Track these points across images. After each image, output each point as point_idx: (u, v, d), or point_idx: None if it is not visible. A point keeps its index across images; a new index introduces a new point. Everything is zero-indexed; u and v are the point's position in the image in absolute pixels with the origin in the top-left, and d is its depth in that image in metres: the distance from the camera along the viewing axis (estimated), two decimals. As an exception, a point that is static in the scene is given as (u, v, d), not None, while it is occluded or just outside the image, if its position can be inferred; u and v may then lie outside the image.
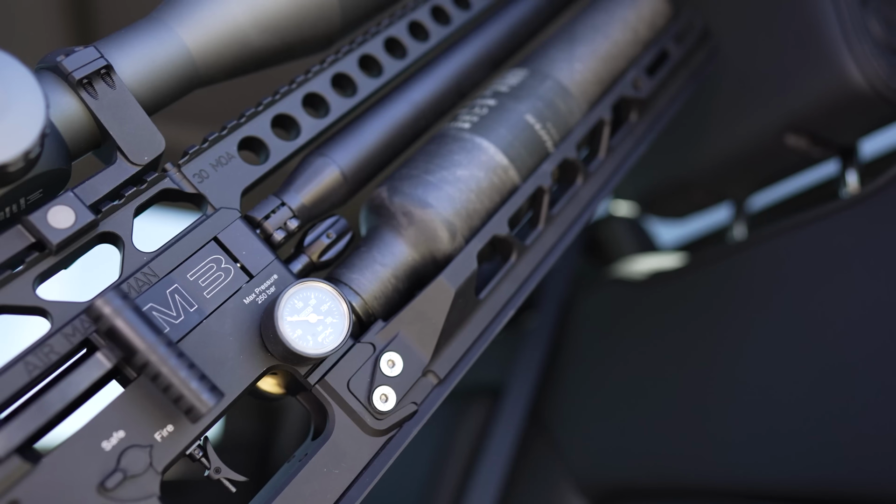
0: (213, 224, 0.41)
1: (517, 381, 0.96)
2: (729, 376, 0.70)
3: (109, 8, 1.05)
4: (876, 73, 0.62)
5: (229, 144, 0.44)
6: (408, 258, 0.46)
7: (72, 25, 1.06)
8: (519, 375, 0.97)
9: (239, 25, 0.45)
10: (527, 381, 0.95)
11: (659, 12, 0.64)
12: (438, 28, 0.55)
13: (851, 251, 0.63)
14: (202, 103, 0.92)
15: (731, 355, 0.71)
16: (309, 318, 0.39)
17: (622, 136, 0.58)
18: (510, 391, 0.96)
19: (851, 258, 0.63)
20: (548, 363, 0.97)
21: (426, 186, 0.47)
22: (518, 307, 0.49)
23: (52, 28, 1.06)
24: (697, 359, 0.75)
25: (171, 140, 0.42)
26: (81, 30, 1.08)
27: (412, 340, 0.44)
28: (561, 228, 0.53)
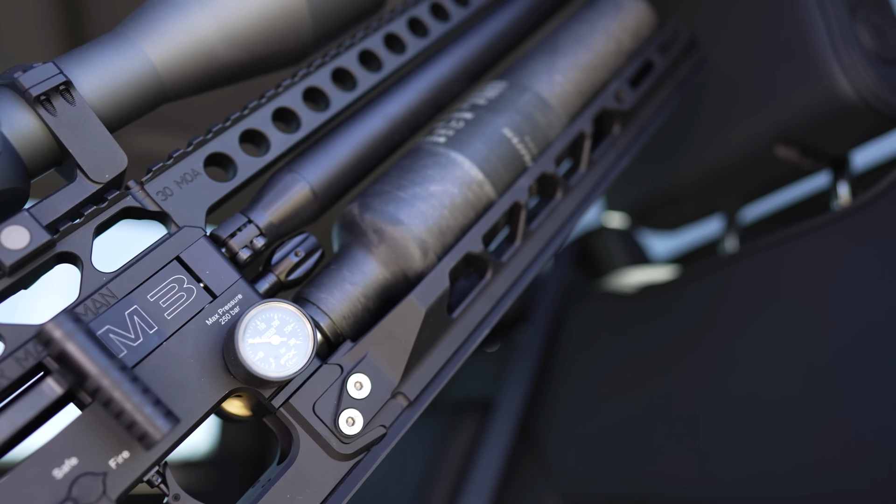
0: (176, 243, 0.40)
1: (507, 396, 0.95)
2: (717, 391, 0.69)
3: (100, 13, 1.04)
4: (865, 83, 0.61)
5: (195, 161, 0.43)
6: (378, 277, 0.45)
7: (63, 31, 1.06)
8: (509, 390, 0.95)
9: (206, 39, 0.44)
10: (516, 395, 0.94)
11: (644, 22, 0.63)
12: (416, 40, 0.54)
13: (841, 265, 0.62)
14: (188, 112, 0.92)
15: (720, 370, 0.70)
16: (271, 339, 0.38)
17: (604, 148, 0.57)
18: (500, 406, 0.95)
19: (841, 272, 0.62)
20: (538, 377, 0.96)
21: (398, 203, 0.46)
22: (494, 325, 0.48)
23: (42, 34, 1.05)
24: (686, 374, 0.74)
25: (161, 149, 0.41)
26: (72, 35, 1.07)
27: (381, 361, 0.43)
28: (539, 244, 0.52)
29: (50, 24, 1.05)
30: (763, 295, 0.69)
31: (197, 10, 0.44)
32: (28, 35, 1.06)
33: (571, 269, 1.05)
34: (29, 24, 1.05)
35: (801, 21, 0.64)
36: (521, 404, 0.94)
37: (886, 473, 0.54)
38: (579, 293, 0.99)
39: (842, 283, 0.62)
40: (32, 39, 1.06)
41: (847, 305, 0.60)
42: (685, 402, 0.72)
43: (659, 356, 0.78)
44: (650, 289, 0.84)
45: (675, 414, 0.73)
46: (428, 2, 0.55)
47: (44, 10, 1.03)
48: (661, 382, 0.76)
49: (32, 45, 1.07)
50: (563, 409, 0.91)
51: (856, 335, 0.59)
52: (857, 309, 0.60)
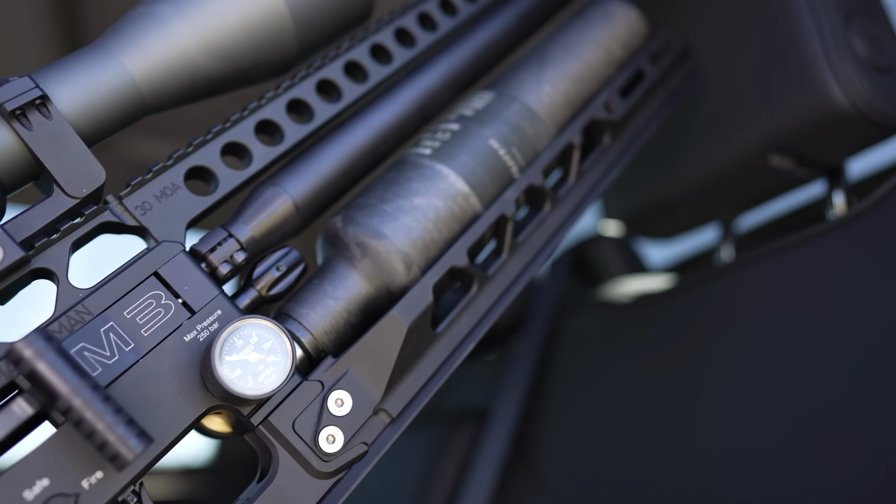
0: (154, 258, 0.40)
1: (502, 406, 0.94)
2: (712, 402, 0.68)
3: (97, 18, 1.04)
4: (859, 92, 0.60)
5: (175, 175, 0.43)
6: (361, 291, 0.45)
7: (59, 36, 1.05)
8: (504, 400, 0.95)
9: (187, 52, 0.44)
10: (511, 406, 0.93)
11: (635, 31, 0.62)
12: (403, 50, 0.53)
13: (836, 275, 0.61)
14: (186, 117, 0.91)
15: (715, 380, 0.69)
16: (249, 357, 0.38)
17: (594, 159, 0.56)
18: (494, 416, 0.94)
19: (836, 282, 0.61)
20: (533, 387, 0.95)
21: (381, 216, 0.46)
22: (480, 339, 0.47)
23: (40, 37, 1.05)
24: (681, 384, 0.73)
25: (160, 156, 0.41)
26: (69, 39, 1.07)
27: (363, 377, 0.42)
28: (527, 256, 0.51)
29: (46, 29, 1.04)
30: (758, 305, 0.68)
31: (178, 22, 0.43)
32: (23, 40, 1.05)
33: (568, 278, 1.04)
34: (24, 29, 1.05)
35: (795, 30, 0.63)
36: (515, 414, 0.93)
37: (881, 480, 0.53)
38: (575, 302, 0.98)
39: (837, 294, 0.61)
40: (28, 45, 1.06)
41: (843, 316, 0.60)
42: (680, 412, 0.72)
43: (654, 366, 0.78)
44: (645, 298, 0.83)
45: (670, 424, 0.72)
46: (415, 12, 0.55)
47: (40, 15, 1.03)
48: (656, 393, 0.76)
49: (28, 50, 1.07)
50: (557, 420, 0.90)
51: (851, 345, 0.58)
52: (852, 319, 0.59)
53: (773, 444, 0.61)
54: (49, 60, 1.07)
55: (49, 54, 1.08)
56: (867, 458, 0.54)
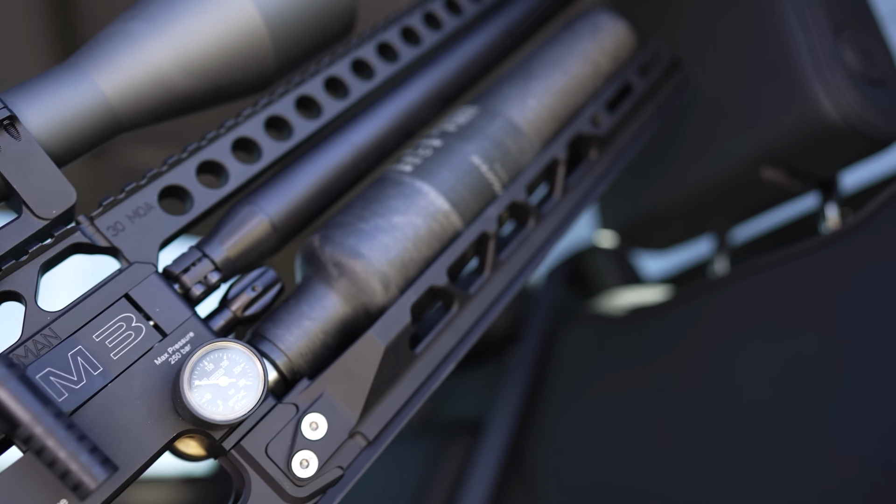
0: (125, 280, 0.39)
1: (496, 419, 0.93)
2: (704, 418, 0.67)
3: (93, 19, 1.03)
4: (849, 105, 0.59)
5: (149, 194, 0.42)
6: (339, 311, 0.44)
7: (55, 38, 1.04)
8: (498, 413, 0.94)
9: (162, 70, 0.43)
10: (506, 418, 0.93)
11: (623, 44, 0.61)
12: (385, 65, 0.53)
13: (828, 290, 0.60)
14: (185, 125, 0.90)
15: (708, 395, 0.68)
16: (219, 381, 0.37)
17: (580, 174, 0.56)
18: (489, 429, 0.93)
19: (828, 298, 0.60)
20: (528, 400, 0.94)
21: (359, 235, 0.45)
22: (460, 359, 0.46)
23: (35, 40, 1.04)
24: (675, 399, 0.72)
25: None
26: (65, 42, 1.05)
27: (339, 400, 0.41)
28: (510, 274, 0.50)
29: (41, 33, 1.04)
30: (751, 320, 0.67)
31: (152, 39, 0.43)
32: (19, 44, 1.05)
33: (563, 289, 1.03)
34: (20, 32, 1.04)
35: (784, 42, 0.63)
36: (509, 427, 0.93)
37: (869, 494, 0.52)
38: (570, 313, 0.98)
39: (828, 310, 0.60)
40: (24, 48, 1.05)
41: (834, 332, 0.59)
42: (673, 425, 0.71)
43: (647, 380, 0.77)
44: (639, 311, 0.83)
45: (664, 437, 0.72)
46: (399, 26, 0.54)
47: (35, 18, 1.02)
48: (650, 407, 0.75)
49: (24, 54, 1.06)
50: (551, 433, 0.89)
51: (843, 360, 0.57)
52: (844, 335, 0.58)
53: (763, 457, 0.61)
54: (44, 65, 1.06)
55: (44, 58, 1.07)
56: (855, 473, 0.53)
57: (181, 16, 0.44)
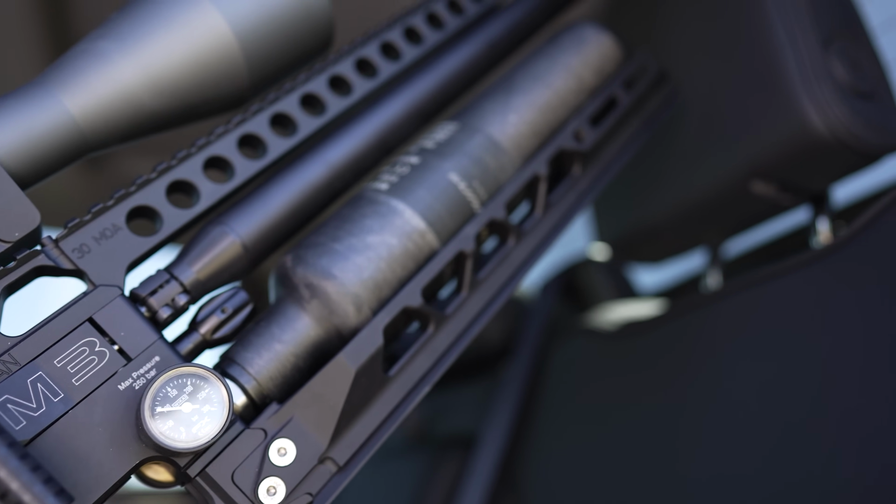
0: (90, 303, 0.38)
1: (489, 434, 0.93)
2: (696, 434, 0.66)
3: (87, 18, 1.02)
4: (837, 119, 0.58)
5: (116, 215, 0.41)
6: (310, 334, 0.43)
7: (49, 36, 1.03)
8: (491, 428, 0.93)
9: (130, 89, 0.43)
10: (498, 433, 0.92)
11: (608, 57, 0.61)
12: (363, 81, 0.52)
13: (818, 307, 0.59)
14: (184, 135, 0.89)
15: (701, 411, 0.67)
16: (182, 407, 0.36)
17: (563, 190, 0.55)
18: (482, 444, 0.92)
19: (818, 314, 0.59)
20: (521, 415, 0.93)
21: (332, 256, 0.44)
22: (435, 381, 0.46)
23: (28, 41, 1.02)
24: (666, 415, 0.71)
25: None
26: (59, 43, 1.04)
27: (308, 425, 0.41)
28: (489, 293, 0.49)
29: (35, 32, 1.02)
30: (742, 335, 0.66)
31: (121, 58, 0.42)
32: (11, 44, 1.03)
33: (558, 301, 1.02)
34: (12, 32, 1.03)
35: (772, 55, 0.62)
36: (502, 442, 0.92)
37: None
38: (564, 327, 0.97)
39: (818, 326, 0.59)
40: (16, 48, 1.04)
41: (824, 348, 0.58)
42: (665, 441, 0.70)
43: (639, 395, 0.76)
44: (631, 326, 0.82)
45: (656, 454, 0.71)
46: (378, 41, 0.54)
47: (28, 17, 1.01)
48: (642, 422, 0.74)
49: (16, 54, 1.05)
50: (543, 448, 0.88)
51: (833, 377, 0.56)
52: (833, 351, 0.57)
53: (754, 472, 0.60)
54: (37, 65, 1.04)
55: (38, 58, 1.05)
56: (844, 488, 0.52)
57: (151, 34, 0.43)
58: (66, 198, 1.27)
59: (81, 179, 1.29)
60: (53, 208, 0.57)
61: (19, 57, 1.05)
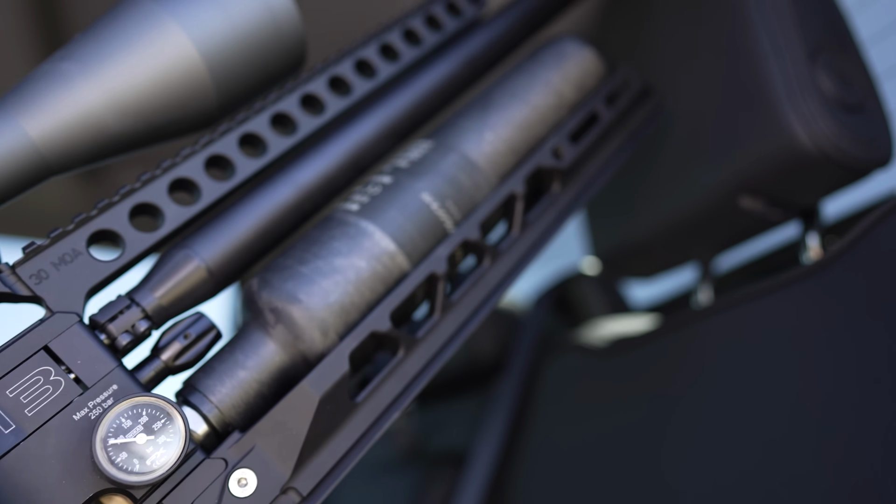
0: (45, 331, 0.38)
1: (480, 451, 0.91)
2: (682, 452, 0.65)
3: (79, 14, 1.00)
4: (823, 133, 0.57)
5: (76, 240, 0.41)
6: (275, 360, 0.42)
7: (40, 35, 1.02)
8: (482, 444, 0.92)
9: (93, 111, 0.42)
10: (489, 450, 0.90)
11: (589, 72, 0.60)
12: (336, 100, 0.51)
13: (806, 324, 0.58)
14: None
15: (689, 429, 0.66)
16: (137, 438, 0.36)
17: (541, 209, 0.54)
18: (472, 461, 0.91)
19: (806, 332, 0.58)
20: (511, 431, 0.92)
21: (297, 279, 0.43)
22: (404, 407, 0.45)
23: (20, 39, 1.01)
24: (655, 433, 0.70)
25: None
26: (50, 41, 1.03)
27: (271, 454, 0.40)
28: (463, 315, 0.48)
29: (25, 29, 1.01)
30: (731, 354, 0.65)
31: (82, 80, 0.42)
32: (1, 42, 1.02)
33: (550, 316, 1.01)
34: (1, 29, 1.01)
35: (758, 68, 0.61)
36: (493, 459, 0.90)
37: None
38: (555, 342, 0.95)
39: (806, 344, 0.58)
40: (6, 46, 1.02)
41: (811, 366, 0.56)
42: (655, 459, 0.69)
43: (629, 412, 0.75)
44: (621, 342, 0.80)
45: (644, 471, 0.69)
46: (353, 58, 0.53)
47: (18, 14, 0.99)
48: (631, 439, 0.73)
49: (6, 52, 1.03)
50: (533, 465, 0.87)
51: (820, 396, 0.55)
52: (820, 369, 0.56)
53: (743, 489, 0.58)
54: (27, 63, 1.03)
55: (28, 56, 1.04)
56: None
57: (114, 55, 0.43)
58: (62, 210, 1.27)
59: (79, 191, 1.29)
60: (51, 221, 0.56)
61: (11, 57, 1.03)
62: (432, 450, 1.10)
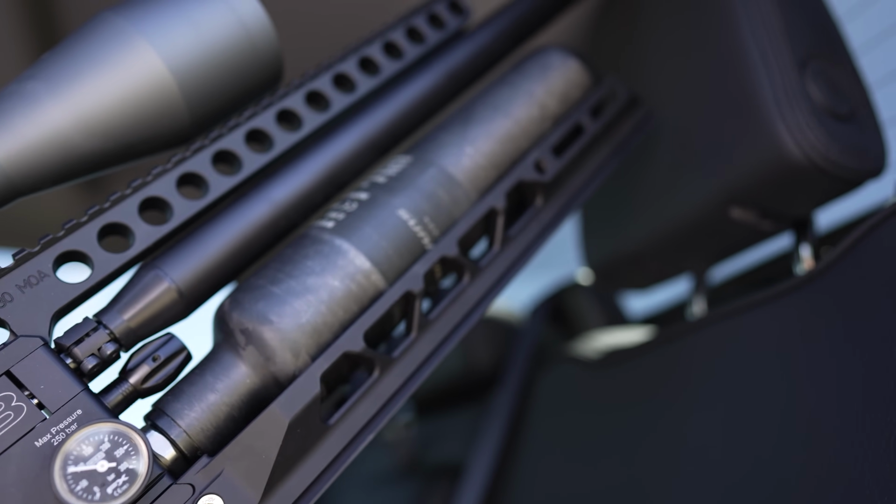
0: (8, 356, 0.37)
1: (475, 464, 0.90)
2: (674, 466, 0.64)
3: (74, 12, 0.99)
4: (812, 143, 0.56)
5: (43, 262, 0.40)
6: (246, 382, 0.42)
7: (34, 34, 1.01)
8: (477, 457, 0.91)
9: (60, 131, 0.41)
10: (484, 463, 0.89)
11: (574, 83, 0.59)
12: (314, 115, 0.50)
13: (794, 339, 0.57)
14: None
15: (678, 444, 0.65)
16: (97, 466, 0.35)
17: (523, 223, 0.53)
18: (468, 474, 0.90)
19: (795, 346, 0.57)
20: (506, 443, 0.91)
21: (268, 299, 0.43)
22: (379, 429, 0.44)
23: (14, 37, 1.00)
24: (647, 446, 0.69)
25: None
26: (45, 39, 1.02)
27: (239, 479, 0.39)
28: (442, 333, 0.47)
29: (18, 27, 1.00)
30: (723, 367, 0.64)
31: (48, 100, 0.41)
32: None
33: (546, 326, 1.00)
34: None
35: (747, 77, 0.60)
36: (488, 472, 0.89)
37: None
38: (551, 353, 0.94)
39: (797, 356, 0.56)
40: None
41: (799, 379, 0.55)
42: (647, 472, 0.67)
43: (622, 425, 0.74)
44: (615, 354, 0.79)
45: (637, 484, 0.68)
46: (331, 73, 0.52)
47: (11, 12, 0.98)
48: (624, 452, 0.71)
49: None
50: (529, 479, 0.85)
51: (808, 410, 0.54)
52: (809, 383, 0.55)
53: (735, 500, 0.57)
54: (21, 61, 1.01)
55: (22, 55, 1.02)
56: None
57: (82, 74, 0.42)
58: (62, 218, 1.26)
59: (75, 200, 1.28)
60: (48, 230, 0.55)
61: (4, 58, 1.02)
62: (430, 462, 1.09)
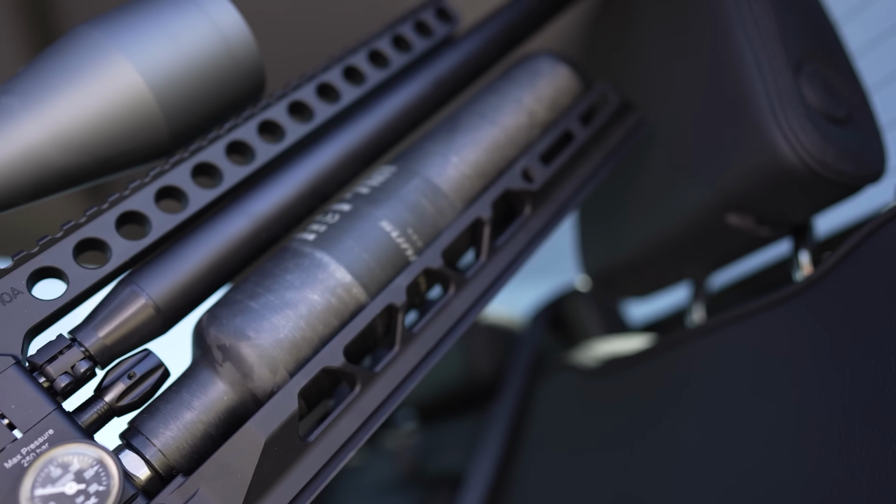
0: None
1: (475, 473, 0.89)
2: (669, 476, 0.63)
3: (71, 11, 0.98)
4: (806, 147, 0.55)
5: (16, 279, 0.39)
6: (223, 399, 0.41)
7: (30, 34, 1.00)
8: (477, 466, 0.90)
9: (34, 146, 0.41)
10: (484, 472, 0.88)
11: (564, 90, 0.58)
12: (297, 126, 0.50)
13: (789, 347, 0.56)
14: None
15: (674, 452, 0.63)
16: (66, 488, 0.34)
17: (511, 233, 0.52)
18: (467, 484, 0.89)
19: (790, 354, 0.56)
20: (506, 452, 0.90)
21: (246, 314, 0.42)
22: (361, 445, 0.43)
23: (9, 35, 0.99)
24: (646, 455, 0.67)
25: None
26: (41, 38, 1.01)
27: (215, 499, 0.38)
28: (427, 346, 0.47)
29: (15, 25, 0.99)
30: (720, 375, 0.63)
31: (23, 115, 0.41)
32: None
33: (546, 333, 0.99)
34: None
35: (741, 81, 0.59)
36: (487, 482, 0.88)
37: None
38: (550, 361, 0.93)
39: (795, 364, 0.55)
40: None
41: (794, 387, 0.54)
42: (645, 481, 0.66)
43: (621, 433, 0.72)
44: (614, 362, 0.78)
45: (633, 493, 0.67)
46: (315, 83, 0.51)
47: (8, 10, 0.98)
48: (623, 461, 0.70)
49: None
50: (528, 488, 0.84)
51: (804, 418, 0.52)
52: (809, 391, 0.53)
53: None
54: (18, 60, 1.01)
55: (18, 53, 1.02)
56: None
57: (57, 88, 0.42)
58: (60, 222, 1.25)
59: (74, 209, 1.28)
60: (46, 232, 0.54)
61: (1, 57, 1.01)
62: (432, 471, 1.08)
